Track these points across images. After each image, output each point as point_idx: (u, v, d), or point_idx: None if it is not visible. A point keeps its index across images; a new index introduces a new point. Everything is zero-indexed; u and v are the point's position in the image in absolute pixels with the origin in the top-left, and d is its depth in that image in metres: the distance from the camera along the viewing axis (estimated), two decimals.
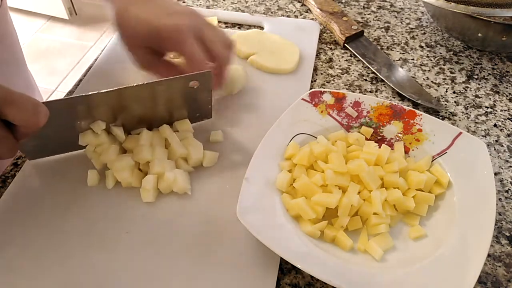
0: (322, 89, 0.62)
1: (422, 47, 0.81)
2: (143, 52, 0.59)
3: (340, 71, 0.75)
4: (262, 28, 0.83)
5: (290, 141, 0.58)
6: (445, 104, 0.70)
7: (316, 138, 0.59)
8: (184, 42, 0.55)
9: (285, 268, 0.51)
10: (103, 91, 0.53)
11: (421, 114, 0.59)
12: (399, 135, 0.59)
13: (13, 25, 0.81)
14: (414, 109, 0.60)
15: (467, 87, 0.73)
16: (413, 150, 0.59)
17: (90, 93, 0.53)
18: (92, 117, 0.55)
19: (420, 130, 0.59)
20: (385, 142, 0.60)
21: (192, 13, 0.59)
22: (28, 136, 0.46)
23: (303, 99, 0.61)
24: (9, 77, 0.78)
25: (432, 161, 0.57)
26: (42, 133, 0.51)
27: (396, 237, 0.52)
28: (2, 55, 0.77)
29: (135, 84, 0.54)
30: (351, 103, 0.62)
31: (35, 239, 0.51)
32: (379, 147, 0.57)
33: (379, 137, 0.60)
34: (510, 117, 0.68)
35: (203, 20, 0.59)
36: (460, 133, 0.57)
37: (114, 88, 0.53)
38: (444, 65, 0.77)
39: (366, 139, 0.60)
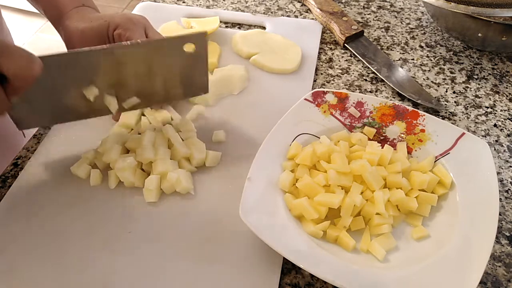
0: (325, 89, 0.62)
1: (422, 47, 0.81)
2: None
3: (340, 71, 0.75)
4: (263, 28, 0.83)
5: (293, 141, 0.58)
6: (445, 104, 0.70)
7: (319, 138, 0.59)
8: (133, 30, 0.56)
9: (285, 268, 0.51)
10: (96, 47, 0.52)
11: (424, 115, 0.59)
12: (402, 135, 0.60)
13: (7, 25, 0.81)
14: (417, 110, 0.60)
15: (467, 87, 0.73)
16: (416, 150, 0.59)
17: (82, 49, 0.51)
18: (85, 80, 0.54)
19: (423, 131, 0.59)
20: (388, 143, 0.60)
21: (141, 16, 0.61)
22: (20, 92, 0.45)
23: (305, 99, 0.61)
24: None
25: (435, 161, 0.57)
26: (33, 96, 0.50)
27: (398, 237, 0.52)
28: None
29: (128, 43, 0.53)
30: (353, 103, 0.62)
31: (38, 239, 0.51)
32: (382, 148, 0.57)
33: (382, 138, 0.60)
34: (510, 117, 0.68)
35: (150, 23, 0.61)
36: (463, 133, 0.57)
37: (107, 45, 0.53)
38: (444, 65, 0.77)
39: (369, 139, 0.60)
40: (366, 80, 0.74)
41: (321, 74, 0.74)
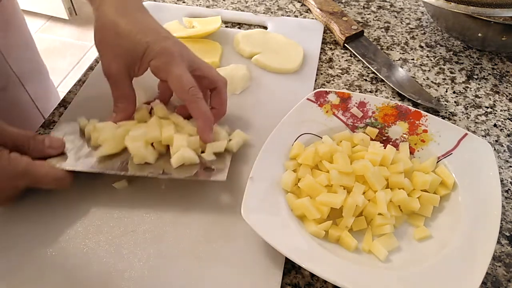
0: (327, 89, 0.63)
1: (422, 47, 0.81)
2: (117, 65, 0.56)
3: (340, 71, 0.75)
4: (265, 27, 0.83)
5: (295, 140, 0.58)
6: (445, 104, 0.70)
7: (321, 138, 0.59)
8: (173, 63, 0.54)
9: (285, 268, 0.50)
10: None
11: (426, 115, 0.59)
12: (404, 135, 0.60)
13: (21, 11, 0.82)
14: (419, 110, 0.60)
15: (467, 87, 0.73)
16: (418, 151, 0.59)
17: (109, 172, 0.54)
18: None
19: (425, 131, 0.59)
20: (390, 143, 0.60)
21: (184, 46, 0.58)
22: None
23: (308, 99, 0.61)
24: (20, 61, 0.79)
25: (437, 162, 0.57)
26: None
27: (400, 237, 0.52)
28: (12, 39, 0.78)
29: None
30: (356, 103, 0.62)
31: (39, 239, 0.51)
32: (384, 148, 0.57)
33: (384, 138, 0.60)
34: (510, 117, 0.68)
35: (194, 54, 0.59)
36: (466, 134, 0.57)
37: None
38: (444, 65, 0.77)
39: (371, 139, 0.60)
40: (366, 80, 0.74)
41: (321, 74, 0.74)
